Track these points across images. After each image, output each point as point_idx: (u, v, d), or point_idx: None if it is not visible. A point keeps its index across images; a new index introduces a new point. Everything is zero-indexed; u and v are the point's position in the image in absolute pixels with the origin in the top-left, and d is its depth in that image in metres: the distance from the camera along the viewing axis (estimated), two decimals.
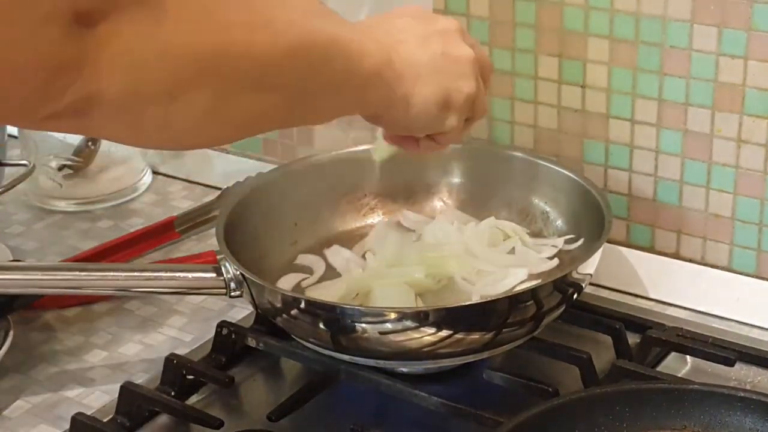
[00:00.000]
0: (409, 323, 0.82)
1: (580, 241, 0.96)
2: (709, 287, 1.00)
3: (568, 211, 0.99)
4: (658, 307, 1.01)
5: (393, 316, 0.82)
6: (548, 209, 1.01)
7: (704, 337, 0.92)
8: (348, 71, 0.70)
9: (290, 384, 0.92)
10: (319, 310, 0.84)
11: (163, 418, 0.88)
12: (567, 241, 0.97)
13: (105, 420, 0.87)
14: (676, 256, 1.01)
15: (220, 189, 1.20)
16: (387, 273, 0.94)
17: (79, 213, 1.22)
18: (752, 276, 0.98)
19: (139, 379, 0.92)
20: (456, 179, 1.05)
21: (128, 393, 0.87)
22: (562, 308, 0.88)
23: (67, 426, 0.86)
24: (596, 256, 0.88)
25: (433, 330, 0.82)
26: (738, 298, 0.98)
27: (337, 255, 0.99)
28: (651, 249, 1.03)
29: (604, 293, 1.02)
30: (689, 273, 1.00)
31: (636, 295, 1.03)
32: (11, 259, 1.11)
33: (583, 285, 0.89)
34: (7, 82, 0.54)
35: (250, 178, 1.06)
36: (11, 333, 0.94)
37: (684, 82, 0.96)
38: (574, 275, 0.87)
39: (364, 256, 0.99)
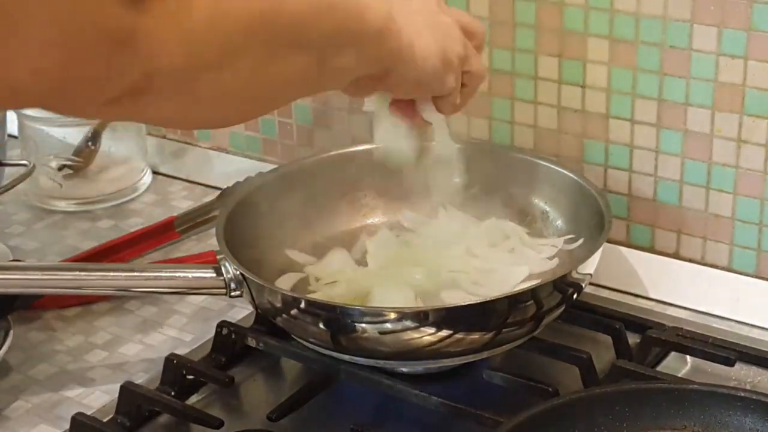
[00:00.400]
0: (409, 323, 0.81)
1: (580, 241, 0.96)
2: (709, 287, 1.00)
3: (568, 211, 0.99)
4: (658, 307, 1.01)
5: (393, 316, 0.82)
6: (548, 209, 1.00)
7: (704, 337, 0.92)
8: (362, 24, 0.71)
9: (290, 384, 0.91)
10: (319, 310, 0.84)
11: (163, 418, 0.88)
12: (567, 241, 0.97)
13: (105, 420, 0.87)
14: (676, 256, 1.01)
15: (220, 189, 1.20)
16: (387, 274, 0.94)
17: (79, 213, 1.22)
18: (752, 276, 0.98)
19: (139, 379, 0.92)
20: (456, 179, 1.04)
21: (128, 393, 0.87)
22: (562, 308, 0.88)
23: (67, 426, 0.86)
24: (596, 256, 0.88)
25: (433, 330, 0.82)
26: (738, 298, 0.98)
27: (336, 256, 0.99)
28: (651, 249, 1.03)
29: (604, 293, 1.02)
30: (689, 273, 1.00)
31: (636, 295, 1.03)
32: (11, 259, 1.11)
33: (583, 285, 0.89)
34: (75, 58, 0.53)
35: (250, 178, 1.06)
36: (11, 333, 0.94)
37: (684, 82, 0.96)
38: (574, 275, 0.87)
39: (363, 257, 0.99)
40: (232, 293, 0.88)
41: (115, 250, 1.12)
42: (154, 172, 1.29)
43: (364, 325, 0.82)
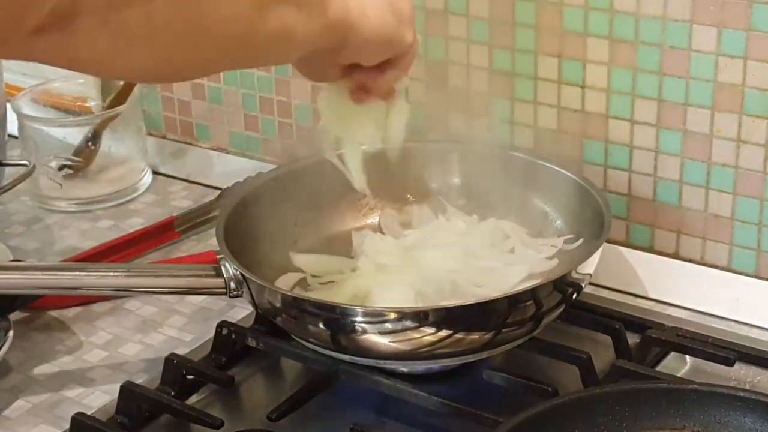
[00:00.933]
0: (408, 323, 0.82)
1: (580, 241, 0.96)
2: (709, 287, 1.00)
3: (567, 212, 0.99)
4: (657, 307, 1.01)
5: (393, 316, 0.82)
6: (548, 209, 1.00)
7: (704, 337, 0.92)
8: None
9: (290, 384, 0.91)
10: (319, 310, 0.84)
11: (163, 418, 0.88)
12: (566, 241, 0.97)
13: (105, 420, 0.87)
14: (676, 256, 1.01)
15: (220, 189, 1.21)
16: (386, 274, 0.94)
17: (79, 213, 1.22)
18: (752, 276, 0.98)
19: (139, 379, 0.92)
20: (456, 179, 1.05)
21: (128, 393, 0.87)
22: (562, 308, 0.88)
23: (67, 426, 0.86)
24: (596, 256, 0.88)
25: (432, 330, 0.82)
26: (737, 298, 0.98)
27: (335, 256, 0.99)
28: (650, 249, 1.03)
29: (604, 293, 1.02)
30: (689, 273, 1.00)
31: (635, 295, 1.03)
32: (11, 259, 1.11)
33: (583, 285, 0.89)
34: None
35: (250, 178, 1.06)
36: (11, 333, 0.95)
37: (683, 83, 0.96)
38: (574, 275, 0.86)
39: (362, 257, 0.99)
40: (232, 293, 0.88)
41: (116, 250, 1.12)
42: (154, 172, 1.29)
43: (364, 325, 0.82)
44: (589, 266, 0.88)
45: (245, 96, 1.23)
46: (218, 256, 0.90)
